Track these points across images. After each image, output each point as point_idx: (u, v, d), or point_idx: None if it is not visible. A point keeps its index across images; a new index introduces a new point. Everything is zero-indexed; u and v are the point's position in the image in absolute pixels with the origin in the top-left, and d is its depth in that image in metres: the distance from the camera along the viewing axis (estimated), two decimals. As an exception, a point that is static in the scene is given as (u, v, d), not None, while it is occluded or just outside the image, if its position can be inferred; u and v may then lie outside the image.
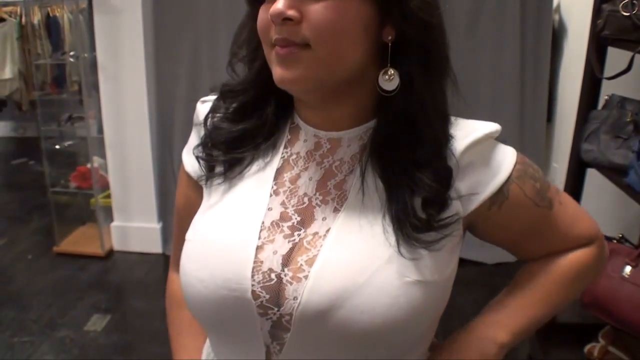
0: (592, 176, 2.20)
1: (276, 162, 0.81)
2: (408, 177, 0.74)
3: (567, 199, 0.88)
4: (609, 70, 2.10)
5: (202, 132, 0.85)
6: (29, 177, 5.17)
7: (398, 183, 0.74)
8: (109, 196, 3.64)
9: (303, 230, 0.76)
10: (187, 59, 3.40)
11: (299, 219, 0.77)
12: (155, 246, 3.58)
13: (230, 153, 0.82)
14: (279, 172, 0.81)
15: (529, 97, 3.35)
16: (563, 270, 0.87)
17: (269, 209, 0.78)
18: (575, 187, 2.24)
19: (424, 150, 0.73)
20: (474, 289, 2.90)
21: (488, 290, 3.13)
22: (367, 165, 0.76)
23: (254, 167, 0.82)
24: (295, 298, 0.71)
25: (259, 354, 0.76)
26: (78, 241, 3.67)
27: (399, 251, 0.72)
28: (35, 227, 4.03)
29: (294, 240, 0.75)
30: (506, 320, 0.85)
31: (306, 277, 0.72)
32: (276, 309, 0.73)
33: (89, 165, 3.45)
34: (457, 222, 0.75)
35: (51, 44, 5.26)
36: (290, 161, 0.81)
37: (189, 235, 0.82)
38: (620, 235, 2.09)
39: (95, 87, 3.40)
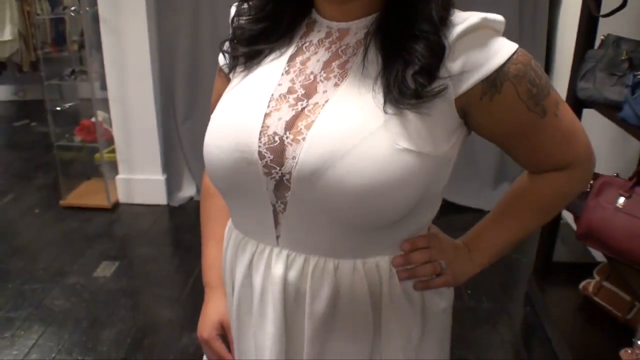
0: (590, 116, 2.24)
1: (290, 50, 0.89)
2: (403, 49, 0.79)
3: (565, 114, 0.88)
4: (605, 9, 2.14)
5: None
6: (32, 137, 5.23)
7: (394, 55, 0.80)
8: (113, 151, 3.69)
9: (306, 100, 0.83)
10: (188, 10, 3.42)
11: (303, 92, 0.84)
12: (160, 198, 3.65)
13: (250, 46, 0.90)
14: (291, 58, 0.88)
15: (527, 43, 3.38)
16: (541, 196, 0.94)
17: (279, 84, 0.85)
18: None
19: (421, 25, 0.79)
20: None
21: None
22: (370, 44, 0.82)
23: (271, 56, 0.90)
24: (293, 158, 0.79)
25: (267, 212, 0.84)
26: (84, 195, 3.73)
27: (384, 110, 0.78)
28: (40, 184, 4.09)
29: (297, 108, 0.82)
30: (486, 245, 0.97)
31: (304, 139, 0.79)
32: (278, 168, 0.80)
33: (93, 120, 3.49)
34: (446, 92, 0.79)
35: (50, 5, 5.26)
36: (303, 48, 0.88)
37: (212, 115, 0.90)
38: (615, 175, 2.15)
39: (96, 43, 3.43)
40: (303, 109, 0.82)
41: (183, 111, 3.54)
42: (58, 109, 3.70)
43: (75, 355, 2.34)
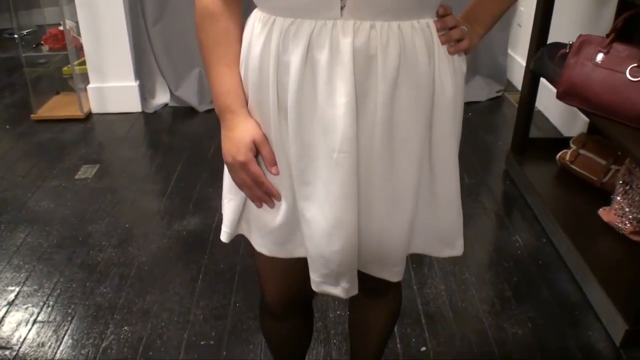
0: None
1: None
2: None
3: None
4: None
5: None
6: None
7: None
8: (82, 63, 3.61)
9: None
10: None
11: None
12: (134, 105, 3.60)
13: None
14: None
15: None
16: None
17: None
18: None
19: None
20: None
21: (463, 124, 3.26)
22: None
23: None
24: None
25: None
26: (55, 107, 3.66)
27: None
28: (8, 102, 3.98)
29: None
30: (482, 17, 1.09)
31: None
32: None
33: (61, 28, 3.40)
34: None
35: None
36: None
37: None
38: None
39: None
40: None
41: (153, 13, 3.45)
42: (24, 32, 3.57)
43: (67, 247, 2.36)
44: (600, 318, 1.91)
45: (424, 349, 1.82)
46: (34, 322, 1.98)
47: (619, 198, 2.21)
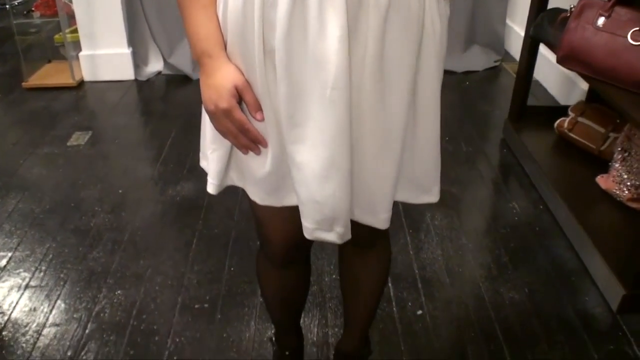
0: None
1: None
2: None
3: None
4: None
5: None
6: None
7: None
8: (74, 31, 3.55)
9: None
10: None
11: None
12: (126, 72, 3.55)
13: None
14: None
15: None
16: None
17: None
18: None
19: None
20: (448, 94, 3.03)
21: (459, 94, 3.24)
22: None
23: None
24: None
25: None
26: (47, 75, 3.60)
27: None
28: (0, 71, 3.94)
29: None
30: None
31: None
32: None
33: (50, -7, 3.34)
34: None
35: None
36: None
37: None
38: None
39: None
40: None
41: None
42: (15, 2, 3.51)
43: (59, 213, 2.33)
44: (597, 284, 1.90)
45: (420, 312, 1.81)
46: (26, 287, 1.96)
47: (617, 165, 2.19)
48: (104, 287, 1.95)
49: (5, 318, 1.83)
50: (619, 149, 2.19)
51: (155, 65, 3.65)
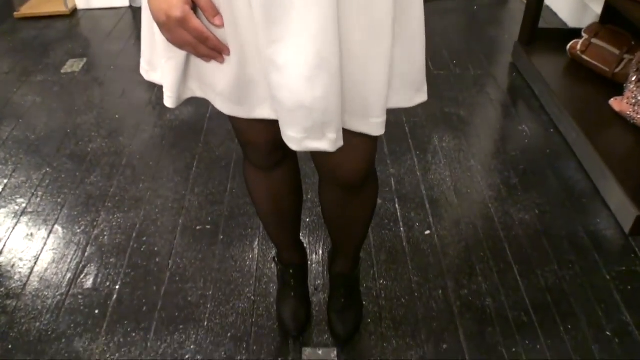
0: None
1: None
2: None
3: None
4: None
5: None
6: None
7: None
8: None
9: None
10: None
11: None
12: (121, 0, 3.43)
13: None
14: None
15: None
16: None
17: None
18: None
19: None
20: (456, 18, 2.92)
21: (467, 18, 3.12)
22: None
23: None
24: None
25: None
26: (39, 4, 3.47)
27: None
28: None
29: None
30: None
31: None
32: None
33: None
34: None
35: None
36: None
37: None
38: None
39: None
40: None
41: None
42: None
43: (55, 139, 2.26)
44: (610, 206, 1.85)
45: (428, 232, 1.76)
46: (22, 213, 1.90)
47: (632, 87, 2.10)
48: (102, 210, 1.89)
49: (2, 245, 1.78)
50: (635, 69, 2.10)
51: (150, -9, 3.51)
